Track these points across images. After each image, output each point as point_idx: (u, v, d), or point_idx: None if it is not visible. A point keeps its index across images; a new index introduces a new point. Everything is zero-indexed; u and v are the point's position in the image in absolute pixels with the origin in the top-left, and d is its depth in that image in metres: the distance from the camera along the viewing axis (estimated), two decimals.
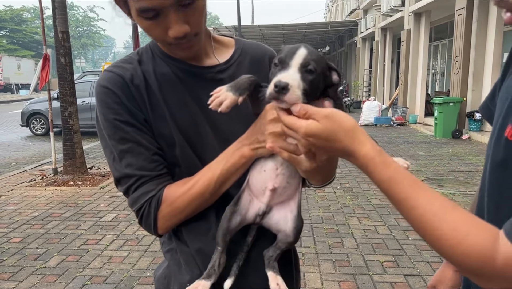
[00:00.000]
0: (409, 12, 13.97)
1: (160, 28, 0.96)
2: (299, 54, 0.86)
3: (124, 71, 1.05)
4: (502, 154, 0.77)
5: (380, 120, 13.70)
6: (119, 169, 1.02)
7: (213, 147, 1.06)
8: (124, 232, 4.42)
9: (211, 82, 1.09)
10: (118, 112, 1.02)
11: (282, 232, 1.04)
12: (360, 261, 3.65)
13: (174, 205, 1.01)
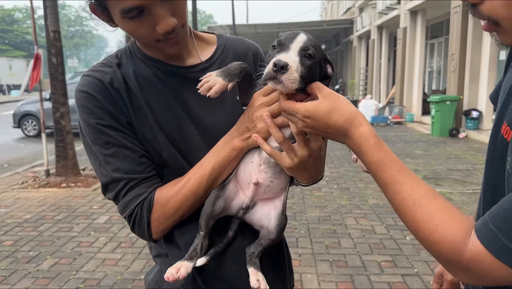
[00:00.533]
0: (405, 10, 13.96)
1: (147, 26, 0.92)
2: (300, 39, 0.86)
3: (103, 75, 1.01)
4: (500, 151, 0.77)
5: (377, 119, 13.67)
6: (106, 174, 0.99)
7: (200, 148, 1.03)
8: (117, 234, 4.35)
9: (194, 82, 1.05)
10: (100, 116, 0.98)
11: (264, 228, 1.03)
12: (358, 261, 3.60)
13: (167, 206, 0.97)
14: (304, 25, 23.67)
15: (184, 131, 1.04)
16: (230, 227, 1.05)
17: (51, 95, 6.54)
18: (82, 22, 45.10)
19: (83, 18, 44.61)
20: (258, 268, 1.02)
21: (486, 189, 0.81)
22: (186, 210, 0.99)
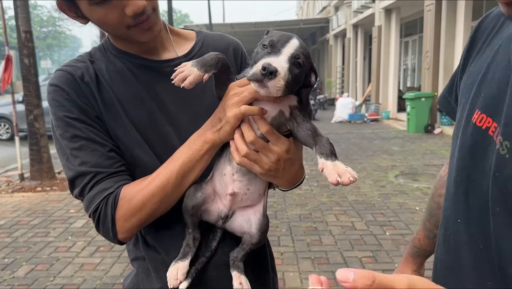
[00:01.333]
0: (380, 9, 14.15)
1: (116, 11, 0.89)
2: (292, 44, 0.83)
3: (75, 69, 0.98)
4: (470, 140, 0.77)
5: (354, 116, 13.83)
6: (73, 168, 0.94)
7: (174, 147, 0.98)
8: (95, 238, 4.26)
9: (169, 77, 1.01)
10: (68, 109, 0.95)
11: (246, 234, 1.01)
12: (339, 258, 3.62)
13: (133, 202, 0.92)
14: (281, 24, 23.74)
15: (158, 128, 1.00)
16: (213, 238, 1.02)
17: (24, 97, 6.37)
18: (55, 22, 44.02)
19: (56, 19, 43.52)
20: (242, 272, 1.00)
21: (458, 180, 0.81)
22: (153, 207, 0.93)
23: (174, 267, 0.96)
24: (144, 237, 1.04)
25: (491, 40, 0.83)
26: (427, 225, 1.16)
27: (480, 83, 0.78)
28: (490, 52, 0.80)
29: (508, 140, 0.67)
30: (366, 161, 7.48)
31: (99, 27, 0.97)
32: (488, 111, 0.74)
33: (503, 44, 0.77)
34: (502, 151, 0.68)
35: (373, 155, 8.09)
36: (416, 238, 1.19)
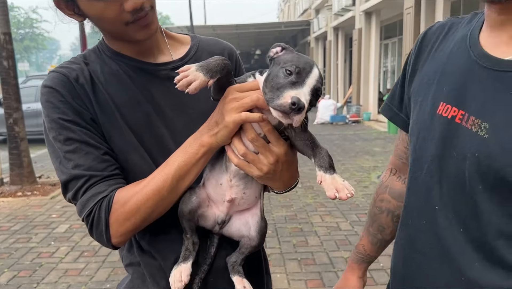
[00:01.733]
0: (360, 12, 14.32)
1: (115, 6, 0.88)
2: (315, 75, 0.82)
3: (70, 71, 0.97)
4: (437, 131, 0.85)
5: (335, 118, 13.96)
6: (66, 171, 0.92)
7: (170, 150, 0.97)
8: (79, 243, 4.21)
9: (165, 80, 1.02)
10: (63, 111, 0.93)
11: (245, 237, 1.01)
12: (325, 258, 3.66)
13: (127, 206, 0.90)
14: (263, 27, 23.82)
15: (154, 131, 1.00)
16: (211, 244, 1.03)
17: (3, 100, 6.23)
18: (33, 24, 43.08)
19: (34, 20, 42.60)
20: (243, 275, 1.01)
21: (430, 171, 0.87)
22: (148, 211, 0.92)
23: (177, 270, 0.96)
24: (138, 242, 1.04)
25: (438, 47, 0.95)
26: (371, 230, 1.20)
27: (440, 79, 0.88)
28: (443, 55, 0.91)
29: (486, 121, 0.76)
30: (348, 162, 7.57)
31: (96, 23, 0.96)
32: (453, 102, 0.83)
33: (457, 45, 0.89)
34: (481, 132, 0.76)
35: (356, 156, 8.18)
36: (360, 244, 1.22)
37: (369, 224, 1.20)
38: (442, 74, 0.89)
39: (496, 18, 0.81)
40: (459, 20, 0.95)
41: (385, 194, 1.16)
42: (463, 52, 0.86)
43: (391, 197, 1.15)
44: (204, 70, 0.84)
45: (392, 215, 1.16)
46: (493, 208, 0.76)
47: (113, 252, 3.89)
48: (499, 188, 0.75)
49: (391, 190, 1.15)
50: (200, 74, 0.83)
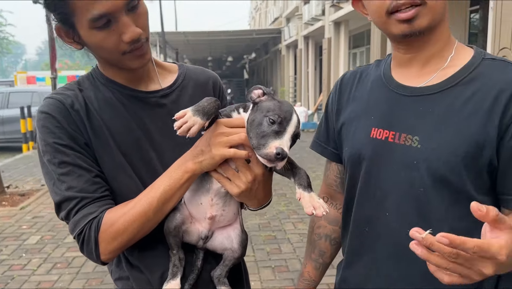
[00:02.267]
0: (329, 22, 14.64)
1: (114, 36, 0.96)
2: (294, 122, 0.93)
3: (65, 97, 1.04)
4: (372, 153, 1.04)
5: (307, 125, 14.20)
6: (60, 193, 0.99)
7: (157, 172, 1.06)
8: (51, 254, 4.16)
9: (155, 106, 1.11)
10: (58, 136, 1.00)
11: (228, 250, 1.09)
12: (298, 265, 3.76)
13: (115, 226, 0.98)
14: (234, 34, 23.93)
15: (143, 154, 1.07)
16: (197, 258, 1.10)
17: None
18: None
19: None
20: (228, 286, 1.09)
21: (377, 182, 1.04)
22: (134, 231, 0.99)
23: (167, 287, 1.02)
24: (127, 257, 1.10)
25: (356, 89, 1.17)
26: (313, 256, 1.31)
27: (367, 111, 1.09)
28: (363, 94, 1.13)
29: (417, 135, 0.97)
30: (319, 169, 7.73)
31: (94, 51, 1.03)
32: (383, 125, 1.04)
33: (374, 84, 1.11)
34: (414, 144, 0.97)
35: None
36: (305, 271, 1.33)
37: (311, 251, 1.32)
38: (367, 107, 1.09)
39: (403, 57, 1.05)
40: (367, 67, 1.19)
41: (321, 220, 1.30)
42: (382, 88, 1.08)
43: (327, 222, 1.28)
44: (201, 114, 0.92)
45: (329, 239, 1.29)
46: (438, 205, 0.93)
47: (86, 263, 3.88)
48: (440, 187, 0.94)
49: (326, 216, 1.26)
50: (197, 119, 0.92)
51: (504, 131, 0.90)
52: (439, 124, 0.95)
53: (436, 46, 1.01)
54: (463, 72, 0.98)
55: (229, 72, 39.80)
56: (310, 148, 1.31)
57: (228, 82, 23.56)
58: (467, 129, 0.92)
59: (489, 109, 0.91)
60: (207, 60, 35.46)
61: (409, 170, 0.98)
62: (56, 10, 0.96)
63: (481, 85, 0.95)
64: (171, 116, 0.99)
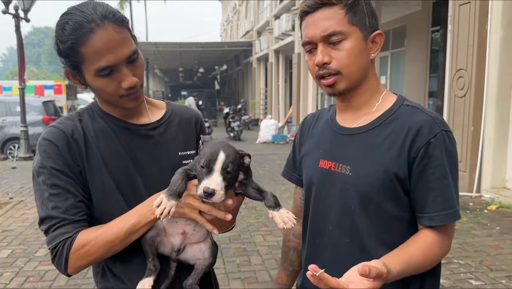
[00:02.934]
0: (299, 37, 15.03)
1: (115, 83, 1.15)
2: (220, 159, 1.07)
3: (66, 126, 1.22)
4: (320, 179, 1.29)
5: (277, 137, 14.48)
6: (46, 210, 1.17)
7: (142, 193, 1.25)
8: (23, 268, 4.19)
9: (144, 137, 1.30)
10: (55, 161, 1.18)
11: (200, 260, 1.26)
12: (267, 276, 3.94)
13: (85, 248, 1.16)
14: (206, 46, 24.11)
15: (131, 179, 1.25)
16: (171, 268, 1.27)
17: None
18: None
19: None
20: None
21: (324, 202, 1.28)
22: (101, 254, 1.18)
23: (141, 283, 1.19)
24: (111, 269, 1.27)
25: (314, 128, 1.41)
26: (285, 265, 1.54)
27: (318, 146, 1.34)
28: (316, 132, 1.38)
29: (349, 165, 1.21)
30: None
31: (97, 92, 1.22)
32: (328, 158, 1.28)
33: (324, 124, 1.36)
34: (347, 172, 1.21)
35: None
36: (279, 277, 1.56)
37: (283, 260, 1.55)
38: (318, 143, 1.35)
39: (341, 105, 1.31)
40: (323, 110, 1.44)
41: (290, 235, 1.53)
42: (328, 128, 1.34)
43: (294, 237, 1.51)
44: (174, 196, 1.07)
45: (297, 251, 1.51)
46: (365, 220, 1.19)
47: (59, 276, 3.94)
48: (366, 206, 1.18)
49: (293, 232, 1.50)
50: (172, 202, 1.07)
51: (412, 162, 1.14)
52: (365, 156, 1.19)
53: (363, 97, 1.25)
54: (385, 116, 1.21)
55: (200, 83, 39.89)
56: (281, 175, 1.54)
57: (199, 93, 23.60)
58: (385, 160, 1.15)
59: (401, 144, 1.15)
60: (178, 70, 35.39)
61: (344, 192, 1.22)
62: (68, 57, 1.15)
63: (396, 126, 1.18)
64: (157, 146, 1.24)
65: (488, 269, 3.93)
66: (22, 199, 6.96)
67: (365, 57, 1.21)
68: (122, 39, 1.13)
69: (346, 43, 1.17)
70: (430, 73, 10.32)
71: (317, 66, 1.20)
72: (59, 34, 1.13)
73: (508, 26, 6.03)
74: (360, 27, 1.18)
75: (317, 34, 1.18)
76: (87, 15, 1.10)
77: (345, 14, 1.17)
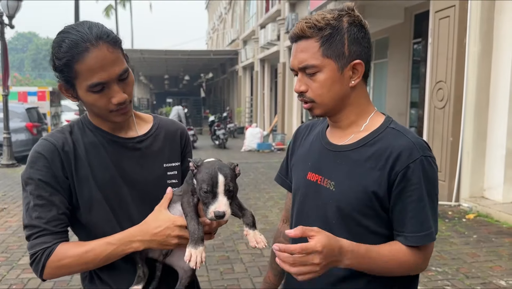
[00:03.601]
0: (284, 47, 15.25)
1: (105, 99, 1.23)
2: (221, 182, 1.15)
3: (57, 139, 1.29)
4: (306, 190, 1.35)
5: (262, 146, 14.58)
6: (29, 219, 1.24)
7: (128, 203, 1.32)
8: (6, 276, 4.17)
9: (131, 150, 1.37)
10: (43, 174, 1.24)
11: (181, 269, 1.34)
12: (249, 284, 4.00)
13: (62, 262, 1.23)
14: (192, 54, 24.19)
15: (117, 189, 1.32)
16: (157, 269, 1.34)
17: None
18: None
19: None
20: None
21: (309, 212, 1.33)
22: (76, 271, 1.26)
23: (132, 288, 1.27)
24: (98, 274, 1.34)
25: (306, 138, 1.46)
26: (273, 265, 1.60)
27: (306, 158, 1.39)
28: (308, 143, 1.43)
29: (333, 180, 1.26)
30: (273, 190, 8.04)
31: (87, 106, 1.28)
32: (315, 171, 1.32)
33: (314, 137, 1.41)
34: (331, 187, 1.26)
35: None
36: (267, 276, 1.63)
37: (272, 261, 1.60)
38: (307, 155, 1.39)
39: (330, 122, 1.36)
40: (316, 121, 1.47)
41: (280, 237, 1.59)
42: (318, 142, 1.38)
43: (284, 239, 1.57)
44: (199, 244, 1.17)
45: None
46: (344, 234, 1.19)
47: (42, 284, 3.93)
48: (346, 222, 1.24)
49: (283, 234, 1.56)
50: (200, 248, 1.16)
51: (392, 184, 1.18)
52: (348, 174, 1.24)
53: (349, 119, 1.30)
54: (370, 137, 1.26)
55: (186, 90, 39.89)
56: (274, 180, 1.61)
57: (185, 101, 23.63)
58: (366, 180, 1.20)
59: (382, 166, 1.19)
60: (163, 78, 35.35)
61: (326, 206, 1.27)
62: (62, 72, 1.22)
63: (379, 147, 1.22)
64: (144, 158, 1.33)
65: (464, 276, 4.06)
66: (4, 207, 6.90)
67: (340, 86, 1.24)
68: (114, 58, 1.21)
69: (320, 75, 1.22)
70: (412, 84, 10.56)
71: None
72: (55, 51, 1.20)
73: (485, 39, 6.25)
74: (334, 58, 1.22)
75: (295, 65, 1.26)
76: (83, 35, 1.17)
77: (319, 47, 1.21)
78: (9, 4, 10.88)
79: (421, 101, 9.31)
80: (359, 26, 1.24)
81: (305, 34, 1.22)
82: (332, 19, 1.21)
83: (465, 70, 6.39)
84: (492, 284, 3.88)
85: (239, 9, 24.75)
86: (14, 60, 74.74)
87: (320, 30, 1.21)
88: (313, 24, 1.21)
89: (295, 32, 1.24)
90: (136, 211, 1.31)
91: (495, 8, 6.25)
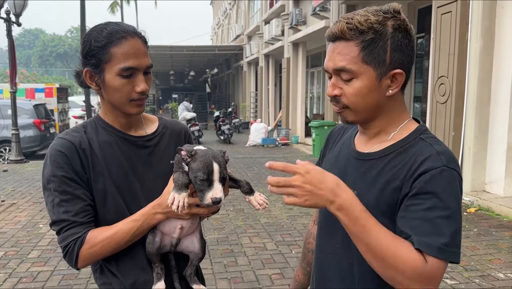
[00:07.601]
0: (288, 42, 15.28)
1: (130, 86, 1.34)
2: (216, 170, 1.24)
3: (74, 138, 1.39)
4: None
5: (266, 141, 14.66)
6: (57, 214, 1.33)
7: (139, 196, 1.43)
8: (16, 269, 4.30)
9: (141, 147, 1.49)
10: (66, 170, 1.34)
11: (192, 252, 1.46)
12: (252, 276, 4.10)
13: (94, 249, 1.33)
14: (197, 49, 24.25)
15: (129, 183, 1.42)
16: (170, 259, 1.45)
17: None
18: None
19: None
20: (199, 282, 1.45)
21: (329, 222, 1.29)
22: (107, 253, 1.36)
23: (155, 287, 1.37)
24: (107, 267, 1.44)
25: (337, 141, 1.43)
26: (303, 264, 1.64)
27: (334, 164, 1.35)
28: (339, 147, 1.39)
29: (356, 189, 1.16)
30: None
31: (110, 93, 1.36)
32: (341, 178, 1.26)
33: (344, 143, 1.37)
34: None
35: None
36: (297, 275, 1.67)
37: (302, 260, 1.65)
38: (335, 161, 1.35)
39: (360, 129, 1.30)
40: (351, 126, 1.39)
41: (310, 238, 1.62)
42: (346, 148, 1.33)
43: (313, 240, 1.59)
44: (183, 189, 1.25)
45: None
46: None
47: (51, 277, 4.06)
48: None
49: (314, 235, 1.58)
50: (183, 194, 1.25)
51: (405, 196, 1.12)
52: (370, 184, 1.19)
53: (378, 127, 1.24)
54: (396, 146, 1.19)
55: (191, 86, 39.93)
56: None
57: (189, 96, 23.73)
58: (386, 191, 1.15)
59: (402, 178, 1.13)
60: (169, 74, 35.44)
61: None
62: (95, 56, 1.32)
63: (403, 159, 1.15)
64: (152, 156, 1.44)
65: (463, 269, 4.14)
66: (14, 202, 7.05)
67: (377, 95, 1.16)
68: (145, 52, 1.36)
69: (356, 81, 1.14)
70: (416, 78, 10.58)
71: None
72: (95, 36, 1.32)
73: (487, 35, 6.28)
74: (374, 65, 1.13)
75: (329, 67, 1.18)
76: (122, 27, 1.34)
77: (359, 52, 1.12)
78: (16, 2, 11.02)
79: (424, 96, 9.34)
80: (404, 32, 1.13)
81: (345, 36, 1.13)
82: (376, 23, 1.11)
83: (467, 66, 6.43)
84: (490, 276, 3.96)
85: (244, 5, 24.75)
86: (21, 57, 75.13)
87: (362, 34, 1.11)
88: (355, 26, 1.11)
89: (333, 31, 1.15)
90: (146, 204, 1.40)
91: (497, 4, 6.27)
